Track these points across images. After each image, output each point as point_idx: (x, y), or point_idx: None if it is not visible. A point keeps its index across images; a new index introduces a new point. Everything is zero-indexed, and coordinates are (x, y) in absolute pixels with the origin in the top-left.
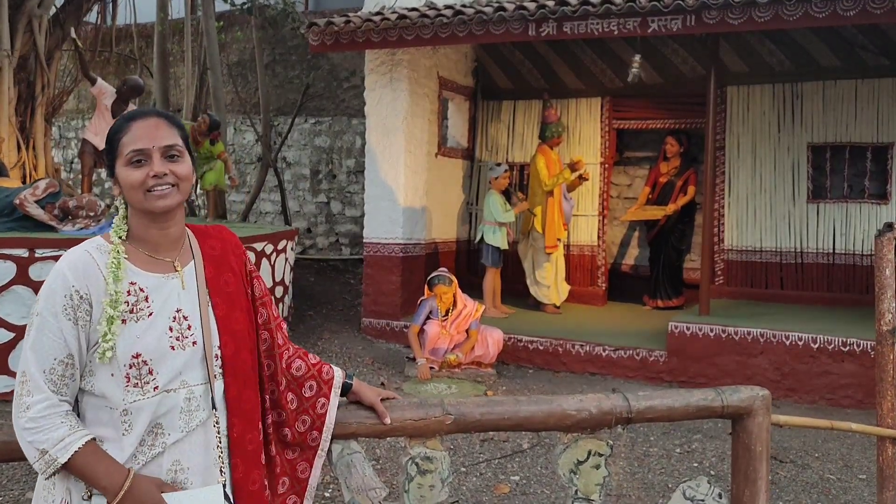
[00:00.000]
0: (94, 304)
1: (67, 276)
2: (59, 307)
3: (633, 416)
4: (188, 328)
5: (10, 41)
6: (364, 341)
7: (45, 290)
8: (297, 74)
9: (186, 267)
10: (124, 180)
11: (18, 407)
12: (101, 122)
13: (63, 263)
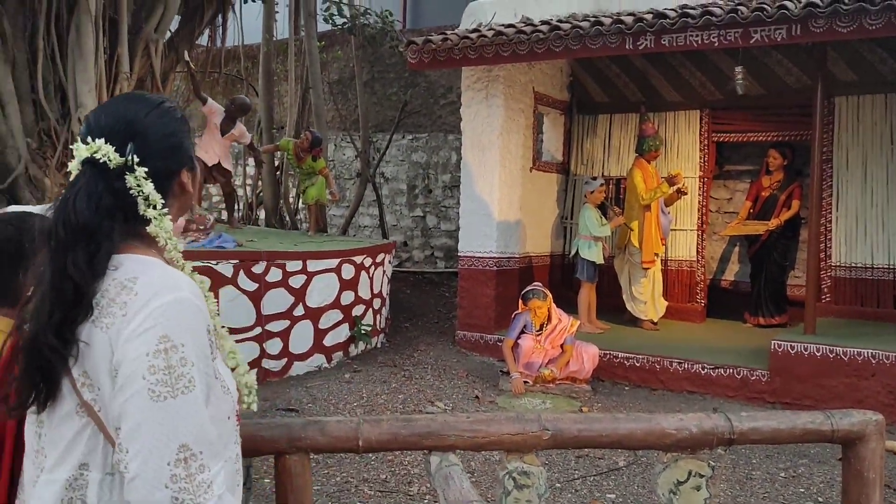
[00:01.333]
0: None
1: (202, 307)
2: (207, 348)
3: (735, 438)
4: None
5: (129, 64)
6: (458, 354)
7: (188, 329)
8: (395, 92)
9: None
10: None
11: (194, 489)
12: (210, 140)
13: (186, 292)
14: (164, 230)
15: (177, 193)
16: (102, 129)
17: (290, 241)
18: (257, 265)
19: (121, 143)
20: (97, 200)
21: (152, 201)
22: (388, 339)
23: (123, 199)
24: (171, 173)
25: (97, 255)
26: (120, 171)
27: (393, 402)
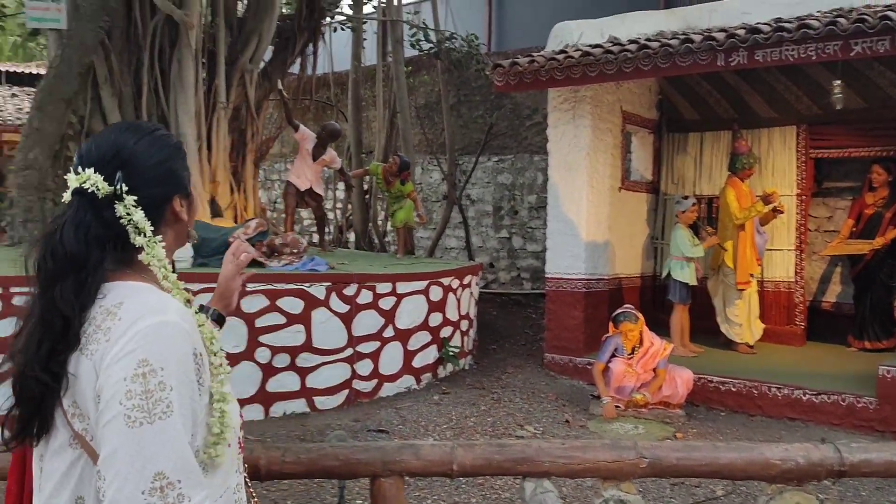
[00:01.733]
0: (204, 361)
1: (188, 330)
2: (191, 372)
3: (846, 470)
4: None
5: (225, 94)
6: (547, 377)
7: (166, 352)
8: (480, 114)
9: None
10: (195, 202)
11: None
12: (302, 165)
13: (171, 315)
14: (156, 257)
15: (170, 220)
16: (92, 158)
17: (379, 264)
18: (349, 287)
19: (110, 173)
20: (85, 230)
21: (142, 229)
22: (475, 361)
23: (114, 228)
24: (163, 200)
25: (85, 285)
26: (110, 200)
27: (482, 424)
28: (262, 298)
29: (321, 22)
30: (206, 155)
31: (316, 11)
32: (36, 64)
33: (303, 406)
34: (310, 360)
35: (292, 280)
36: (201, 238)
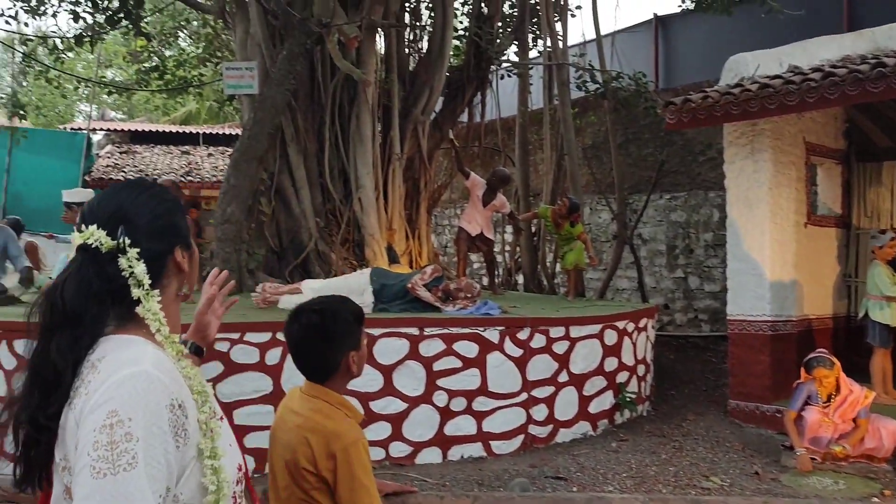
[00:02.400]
0: (189, 413)
1: (166, 383)
2: (165, 425)
3: None
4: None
5: (399, 145)
6: (732, 425)
7: (138, 403)
8: (650, 152)
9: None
10: (197, 252)
11: None
12: (473, 211)
13: (148, 365)
14: (151, 311)
15: (173, 272)
16: (95, 216)
17: (551, 307)
18: (522, 331)
19: (113, 228)
20: (87, 286)
21: (141, 282)
22: (653, 407)
23: (116, 282)
24: (164, 253)
25: (80, 340)
26: (113, 255)
27: (664, 474)
28: (439, 342)
29: (488, 70)
30: (382, 204)
31: (483, 61)
32: (228, 125)
33: (479, 450)
34: (486, 403)
35: (467, 324)
36: (381, 284)
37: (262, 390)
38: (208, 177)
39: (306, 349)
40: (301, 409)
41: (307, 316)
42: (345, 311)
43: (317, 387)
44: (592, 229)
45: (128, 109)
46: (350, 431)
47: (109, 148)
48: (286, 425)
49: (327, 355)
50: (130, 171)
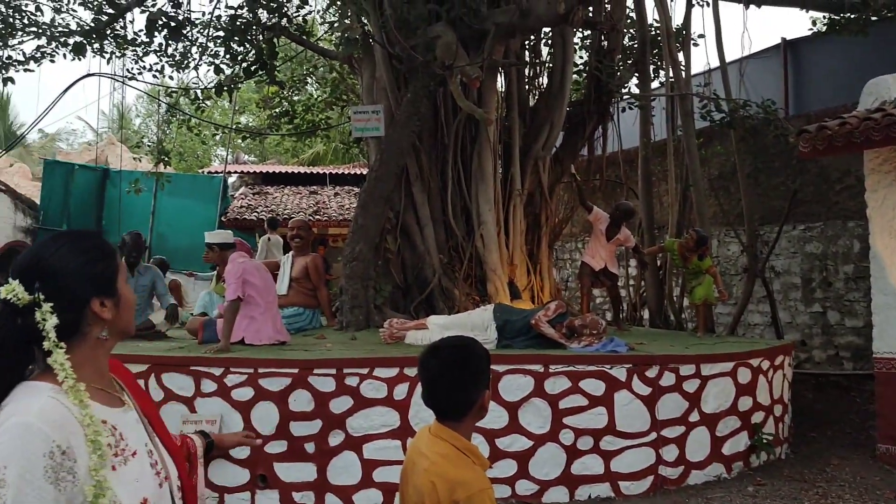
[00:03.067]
0: (79, 458)
1: (44, 430)
2: (38, 472)
3: None
4: (158, 463)
5: (520, 181)
6: (882, 471)
7: (14, 451)
8: (781, 181)
9: (128, 397)
10: (129, 297)
11: None
12: (597, 245)
13: (31, 416)
14: (58, 362)
15: (92, 320)
16: (16, 270)
17: (680, 344)
18: (650, 369)
19: (30, 282)
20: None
21: (49, 335)
22: (792, 450)
23: (35, 333)
24: (81, 303)
25: None
26: (30, 308)
27: None
28: (565, 380)
29: (609, 104)
30: (503, 239)
31: (604, 94)
32: (353, 165)
33: (607, 490)
34: (613, 443)
35: (593, 361)
36: (504, 320)
37: (389, 425)
38: (335, 215)
39: (444, 386)
40: (429, 452)
41: (448, 352)
42: (481, 350)
43: (445, 429)
44: (721, 262)
45: (259, 152)
46: (476, 480)
47: (243, 189)
48: (415, 468)
49: (464, 393)
50: (263, 212)
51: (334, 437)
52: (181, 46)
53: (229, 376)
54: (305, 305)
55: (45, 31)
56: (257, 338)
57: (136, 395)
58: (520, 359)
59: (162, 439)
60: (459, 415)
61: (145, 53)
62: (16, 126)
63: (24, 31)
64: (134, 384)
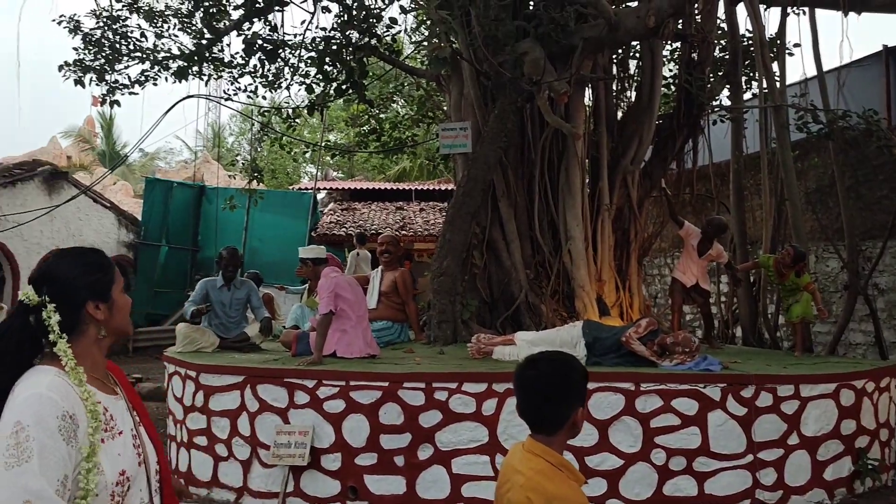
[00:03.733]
0: (80, 424)
1: (54, 398)
2: (54, 428)
3: None
4: (139, 446)
5: (609, 196)
6: None
7: (33, 414)
8: (885, 194)
9: (119, 389)
10: (124, 305)
11: None
12: (688, 261)
13: (43, 388)
14: (61, 350)
15: (88, 319)
16: (33, 277)
17: (776, 363)
18: (746, 389)
19: (39, 287)
20: (8, 333)
21: (53, 328)
22: None
23: (42, 327)
24: (78, 305)
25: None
26: (38, 308)
27: None
28: (656, 398)
29: (700, 116)
30: (591, 255)
31: (695, 107)
32: (438, 181)
33: None
34: (707, 464)
35: (686, 380)
36: (593, 337)
37: (478, 440)
38: (421, 231)
39: (539, 398)
40: (523, 469)
41: (546, 365)
42: (580, 366)
43: (539, 445)
44: (819, 279)
45: (347, 169)
46: (573, 495)
47: (332, 206)
48: (510, 484)
49: (559, 407)
50: (351, 227)
51: (423, 451)
52: (274, 67)
53: (322, 388)
54: (394, 319)
55: (149, 56)
56: (349, 351)
57: (127, 391)
58: (610, 376)
59: (147, 431)
60: (553, 429)
61: (241, 75)
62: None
63: (130, 56)
64: (126, 382)
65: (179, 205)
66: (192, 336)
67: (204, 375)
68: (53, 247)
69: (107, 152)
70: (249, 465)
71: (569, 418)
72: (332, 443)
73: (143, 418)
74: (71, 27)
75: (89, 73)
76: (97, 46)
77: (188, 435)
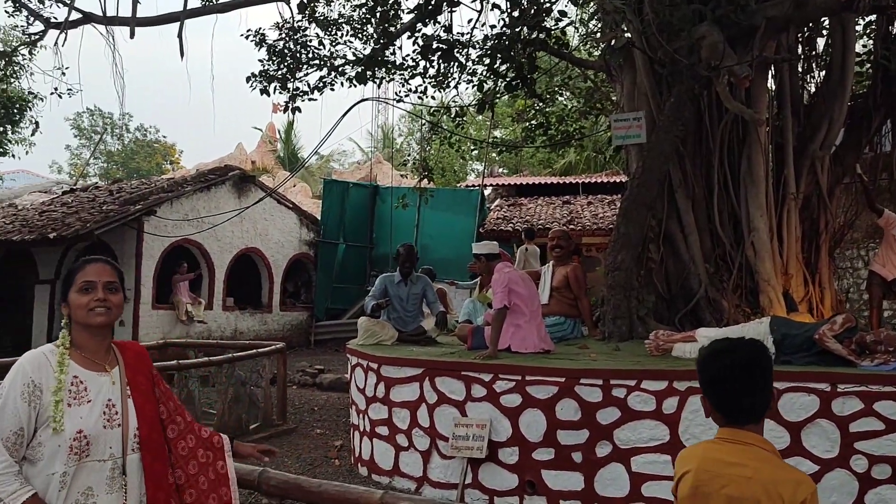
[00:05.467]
0: (45, 391)
1: (27, 369)
2: (18, 392)
3: None
4: (115, 414)
5: (795, 184)
6: None
7: (9, 378)
8: None
9: (114, 369)
10: (74, 302)
11: None
12: (889, 252)
13: (24, 360)
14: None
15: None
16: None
17: None
18: None
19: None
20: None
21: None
22: None
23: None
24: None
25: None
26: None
27: None
28: (856, 401)
29: None
30: (777, 247)
31: (893, 85)
32: (605, 173)
33: None
34: None
35: (890, 382)
36: (782, 334)
37: (658, 439)
38: (588, 224)
39: (745, 386)
40: (741, 461)
41: (744, 351)
42: (767, 349)
43: (748, 433)
44: None
45: (512, 164)
46: (808, 478)
47: (499, 202)
48: (725, 480)
49: (764, 393)
50: (518, 222)
51: (601, 448)
52: (443, 67)
53: (498, 382)
54: (566, 315)
55: (326, 63)
56: (523, 346)
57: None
58: (802, 376)
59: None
60: (759, 416)
61: (411, 76)
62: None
63: (309, 64)
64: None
65: (355, 204)
66: (373, 329)
67: (385, 367)
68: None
69: (285, 156)
70: (429, 455)
71: (769, 403)
72: (509, 436)
73: (138, 394)
74: (257, 40)
75: (273, 82)
76: (280, 57)
77: (370, 425)
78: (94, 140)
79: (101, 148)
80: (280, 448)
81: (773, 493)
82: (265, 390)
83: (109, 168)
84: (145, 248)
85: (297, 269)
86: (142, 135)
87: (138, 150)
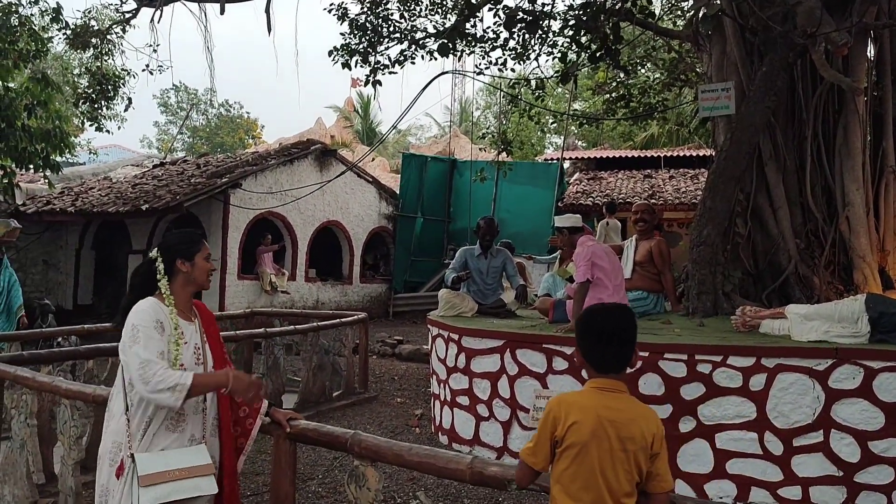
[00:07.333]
0: (165, 328)
1: (150, 312)
2: (151, 325)
3: None
4: (200, 354)
5: (894, 156)
6: None
7: (139, 318)
8: None
9: (196, 319)
10: (202, 267)
11: (149, 376)
12: None
13: (145, 304)
14: (162, 285)
15: (177, 271)
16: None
17: None
18: None
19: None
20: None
21: (159, 274)
22: None
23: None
24: (171, 261)
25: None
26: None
27: None
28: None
29: None
30: (873, 222)
31: None
32: (688, 147)
33: None
34: None
35: None
36: (879, 312)
37: (744, 416)
38: (670, 199)
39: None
40: (621, 406)
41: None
42: None
43: (620, 382)
44: None
45: (592, 138)
46: (654, 411)
47: (577, 175)
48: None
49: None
50: (598, 196)
51: (685, 424)
52: (525, 38)
53: None
54: (649, 290)
55: (407, 37)
56: None
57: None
58: (893, 355)
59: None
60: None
61: (491, 49)
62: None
63: (390, 37)
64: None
65: (433, 178)
66: (454, 301)
67: (466, 339)
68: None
69: (363, 130)
70: (509, 426)
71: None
72: None
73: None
74: (339, 14)
75: (355, 55)
76: (361, 30)
77: (451, 394)
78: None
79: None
80: (362, 416)
81: (643, 428)
82: (348, 359)
83: (195, 143)
84: (231, 220)
85: (376, 242)
86: (225, 110)
87: (222, 126)
